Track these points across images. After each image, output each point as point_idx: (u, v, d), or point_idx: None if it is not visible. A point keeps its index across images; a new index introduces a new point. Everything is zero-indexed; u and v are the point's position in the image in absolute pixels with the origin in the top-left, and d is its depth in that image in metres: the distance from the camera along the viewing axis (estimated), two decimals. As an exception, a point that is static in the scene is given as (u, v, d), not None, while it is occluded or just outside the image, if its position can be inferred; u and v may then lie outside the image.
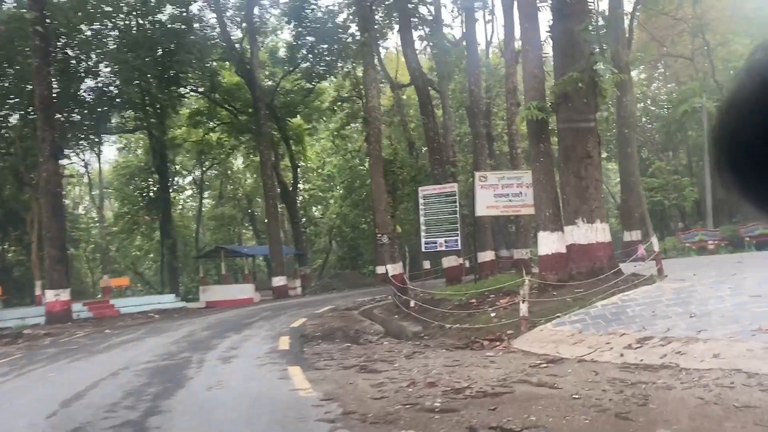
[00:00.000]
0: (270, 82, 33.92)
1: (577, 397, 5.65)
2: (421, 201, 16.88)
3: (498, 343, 9.41)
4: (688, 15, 38.49)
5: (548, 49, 13.50)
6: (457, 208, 16.46)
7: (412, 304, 14.08)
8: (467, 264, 23.98)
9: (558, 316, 9.87)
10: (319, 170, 49.16)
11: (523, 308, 9.81)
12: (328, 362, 8.51)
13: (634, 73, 48.91)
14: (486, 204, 15.80)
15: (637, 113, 43.99)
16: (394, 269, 17.00)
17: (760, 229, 20.73)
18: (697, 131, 41.36)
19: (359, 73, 23.69)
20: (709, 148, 0.88)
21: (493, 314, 11.64)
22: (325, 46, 27.98)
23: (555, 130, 13.17)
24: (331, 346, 10.33)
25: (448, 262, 19.98)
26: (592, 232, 12.14)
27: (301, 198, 47.34)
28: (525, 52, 12.81)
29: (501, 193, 15.71)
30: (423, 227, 16.71)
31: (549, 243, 11.77)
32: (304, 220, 46.94)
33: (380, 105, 19.22)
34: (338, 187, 47.09)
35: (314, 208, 51.65)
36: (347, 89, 25.53)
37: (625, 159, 23.12)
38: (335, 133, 30.33)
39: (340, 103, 26.73)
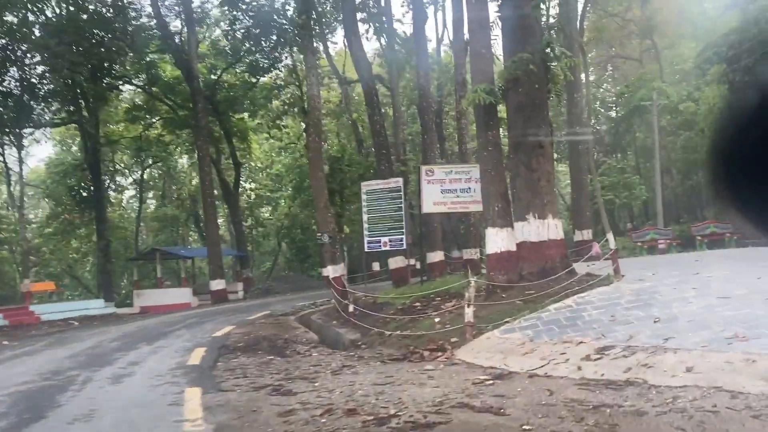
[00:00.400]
0: (212, 76, 32.08)
1: (528, 428, 4.45)
2: (363, 197, 15.61)
3: (440, 354, 8.20)
4: (637, 17, 38.57)
5: (498, 32, 12.45)
6: (403, 205, 15.26)
7: (350, 309, 12.78)
8: (418, 265, 22.85)
9: (507, 322, 8.74)
10: (268, 170, 47.39)
11: (469, 313, 8.64)
12: (239, 381, 7.13)
13: (582, 75, 49.15)
14: (433, 200, 14.64)
15: (585, 114, 44.11)
16: (334, 271, 15.68)
17: (711, 227, 20.27)
18: (644, 133, 41.53)
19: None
20: (705, 162, 0.93)
21: (437, 319, 10.46)
22: (262, 30, 26.31)
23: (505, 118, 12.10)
24: (251, 359, 8.93)
25: (395, 262, 18.75)
26: (544, 229, 11.10)
27: (248, 198, 45.48)
28: (472, 32, 11.70)
29: (449, 188, 14.58)
30: (366, 225, 15.44)
31: (498, 240, 10.65)
32: (250, 221, 45.11)
33: (320, 93, 17.90)
34: (287, 187, 45.44)
35: (264, 209, 49.81)
36: (284, 76, 24.08)
37: (576, 156, 22.40)
38: (271, 123, 28.79)
39: (276, 91, 25.23)
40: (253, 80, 30.85)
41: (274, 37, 25.87)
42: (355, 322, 12.15)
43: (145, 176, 46.87)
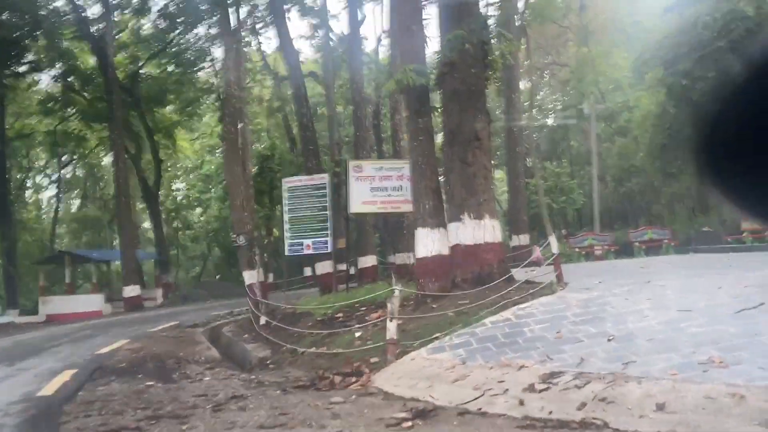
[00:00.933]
0: (133, 66, 29.61)
1: None
2: (285, 195, 14.00)
3: (354, 380, 6.70)
4: (573, 24, 38.48)
5: (431, 11, 11.15)
6: (328, 203, 13.73)
7: (262, 321, 11.15)
8: (352, 270, 21.33)
9: (437, 338, 7.34)
10: (198, 170, 44.84)
11: (391, 328, 7.19)
12: (87, 422, 5.41)
13: (521, 84, 49.04)
14: (362, 199, 13.16)
15: (524, 120, 43.88)
16: (251, 277, 13.96)
17: (649, 233, 19.67)
18: (579, 141, 41.56)
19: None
20: (692, 151, 0.89)
21: (357, 334, 8.98)
22: (177, 9, 24.22)
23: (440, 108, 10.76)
24: (124, 386, 7.18)
25: (322, 268, 17.22)
26: (481, 230, 9.81)
27: (175, 199, 42.85)
28: (400, 5, 10.31)
29: (379, 186, 13.14)
30: (287, 226, 13.83)
31: (428, 243, 9.27)
32: (177, 223, 42.49)
33: (240, 78, 16.22)
34: (218, 188, 43.05)
35: (196, 211, 47.13)
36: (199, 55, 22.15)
37: (513, 159, 21.46)
38: (181, 110, 26.73)
39: (189, 73, 23.26)
40: (178, 72, 28.61)
41: (192, 18, 23.79)
42: (266, 336, 10.52)
43: (68, 175, 43.62)
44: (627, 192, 35.15)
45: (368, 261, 18.51)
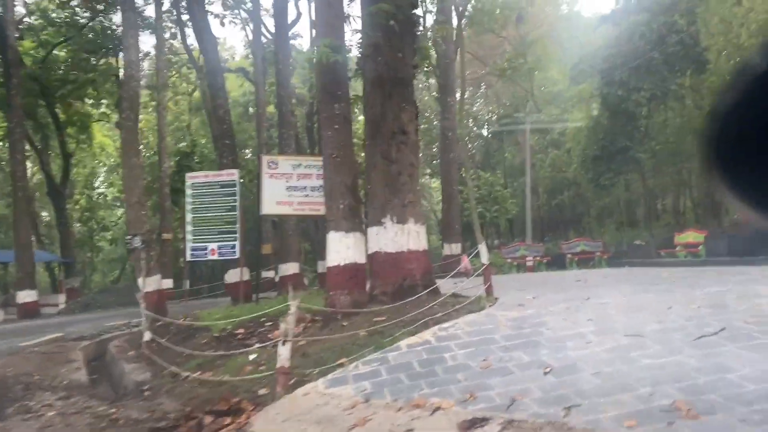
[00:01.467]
0: (42, 52, 26.93)
1: None
2: (188, 192, 12.35)
3: (229, 421, 5.23)
4: (511, 35, 38.26)
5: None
6: (237, 203, 12.16)
7: (146, 337, 9.48)
8: (277, 278, 19.69)
9: (341, 365, 5.98)
10: (120, 168, 41.93)
11: (284, 354, 5.76)
12: None
13: (458, 95, 48.68)
14: (276, 199, 11.71)
15: (460, 131, 43.39)
16: (147, 284, 12.21)
17: (581, 245, 19.02)
18: (512, 152, 41.40)
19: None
20: (700, 149, 0.84)
21: (252, 356, 7.51)
22: None
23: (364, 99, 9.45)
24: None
25: (234, 275, 15.56)
26: (404, 236, 8.56)
27: (90, 197, 39.80)
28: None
29: (296, 185, 11.74)
30: (189, 227, 12.16)
31: (341, 249, 7.91)
32: (93, 223, 39.49)
33: (139, 60, 14.45)
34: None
35: (116, 211, 44.02)
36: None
37: (446, 165, 20.46)
38: (100, 100, 24.48)
39: (86, 56, 21.16)
40: (93, 60, 26.18)
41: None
42: (150, 355, 8.88)
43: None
44: (559, 204, 35.05)
45: (290, 268, 16.97)
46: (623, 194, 27.42)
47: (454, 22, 27.20)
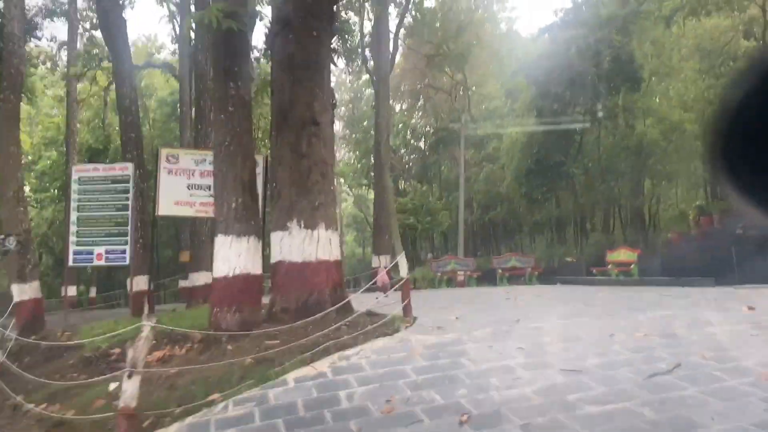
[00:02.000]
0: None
1: None
2: (74, 187, 10.65)
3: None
4: (451, 48, 37.84)
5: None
6: (130, 201, 10.57)
7: (-4, 357, 7.81)
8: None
9: (206, 406, 4.63)
10: (34, 165, 38.73)
11: (129, 391, 4.34)
12: None
13: (396, 107, 47.95)
14: (174, 198, 10.22)
15: (398, 142, 42.63)
16: (21, 292, 10.42)
17: (513, 260, 18.25)
18: (448, 166, 40.88)
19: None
20: (705, 152, 0.86)
21: (112, 387, 6.02)
22: None
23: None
24: None
25: (137, 283, 13.82)
26: (313, 244, 7.30)
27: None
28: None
29: (199, 183, 10.29)
30: (73, 228, 10.47)
31: (232, 257, 6.54)
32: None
33: (25, 34, 12.62)
34: (54, 187, 37.28)
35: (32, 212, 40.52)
36: None
37: (379, 171, 19.34)
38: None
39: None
40: None
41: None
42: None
43: None
44: (492, 218, 34.63)
45: (201, 278, 15.33)
46: (555, 210, 27.11)
47: (392, 26, 26.38)
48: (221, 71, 6.63)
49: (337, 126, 53.85)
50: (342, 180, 51.73)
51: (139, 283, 13.78)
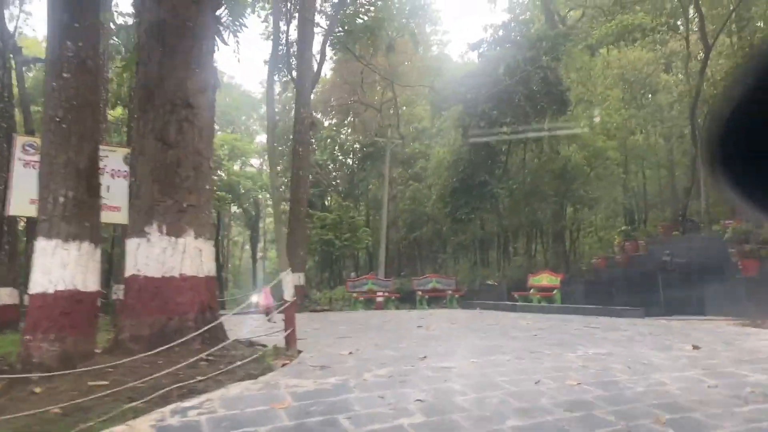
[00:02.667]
0: None
1: None
2: None
3: None
4: (380, 65, 37.04)
5: None
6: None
7: None
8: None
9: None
10: None
11: None
12: None
13: (326, 122, 46.63)
14: (31, 196, 8.34)
15: (325, 156, 41.23)
16: None
17: (433, 282, 17.15)
18: (376, 184, 39.84)
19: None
20: (701, 148, 0.89)
21: None
22: None
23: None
24: None
25: (1, 297, 11.76)
26: (177, 255, 5.79)
27: None
28: None
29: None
30: None
31: (54, 267, 4.92)
32: None
33: None
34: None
35: None
36: None
37: (296, 183, 17.84)
38: None
39: None
40: None
41: None
42: None
43: None
44: (418, 238, 33.73)
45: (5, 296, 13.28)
46: (479, 232, 26.43)
47: (318, 39, 25.21)
48: (56, 27, 5.04)
49: (265, 137, 52.00)
50: (267, 194, 49.80)
51: (4, 296, 11.76)
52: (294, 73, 24.88)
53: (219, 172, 47.36)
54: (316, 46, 27.31)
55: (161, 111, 5.92)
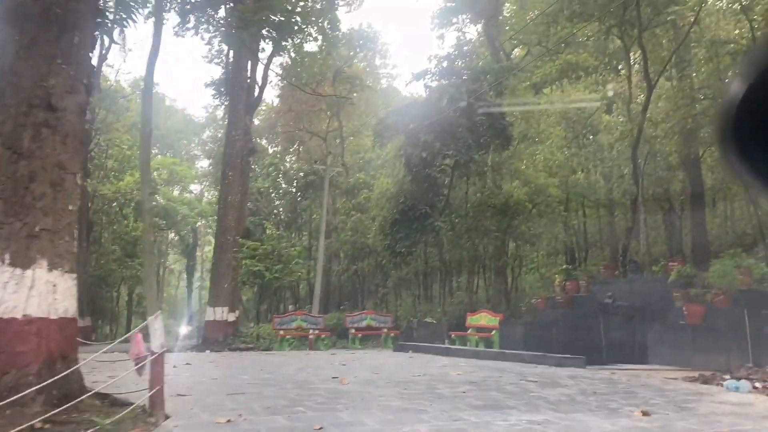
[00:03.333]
0: None
1: None
2: None
3: None
4: (328, 93, 36.35)
5: None
6: None
7: None
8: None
9: None
10: None
11: None
12: None
13: (270, 149, 45.47)
14: None
15: (266, 184, 39.92)
16: None
17: (368, 319, 16.11)
18: (320, 214, 38.72)
19: None
20: (715, 136, 0.86)
21: None
22: None
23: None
24: None
25: None
26: (21, 291, 4.66)
27: None
28: None
29: None
30: None
31: None
32: None
33: None
34: None
35: None
36: None
37: (222, 210, 16.60)
38: None
39: None
40: None
41: None
42: None
43: None
44: (359, 271, 32.63)
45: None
46: (422, 266, 25.62)
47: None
48: None
49: (206, 163, 50.19)
50: (206, 221, 47.86)
51: None
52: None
53: (157, 196, 45.29)
54: (260, 71, 26.44)
55: (13, 112, 4.79)
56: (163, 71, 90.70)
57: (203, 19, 29.23)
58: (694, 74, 17.83)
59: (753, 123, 0.77)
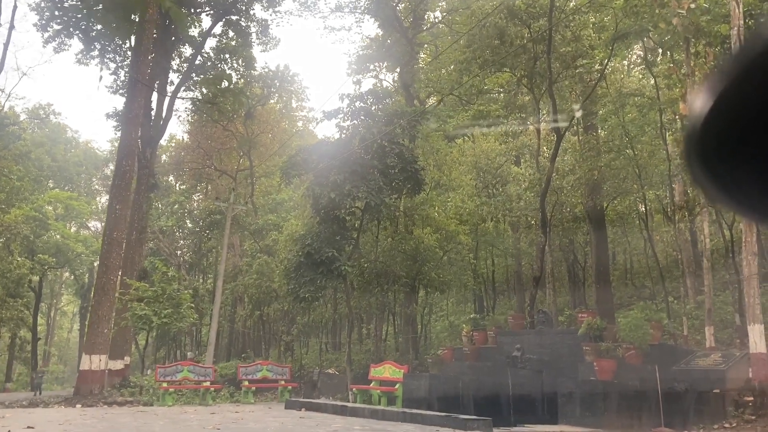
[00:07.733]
0: None
1: None
2: None
3: None
4: (239, 131, 35.02)
5: None
6: None
7: None
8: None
9: None
10: None
11: None
12: None
13: (177, 186, 43.18)
14: None
15: (170, 223, 37.55)
16: None
17: (264, 370, 14.59)
18: (229, 255, 36.70)
19: None
20: (683, 150, 0.81)
21: None
22: None
23: None
24: None
25: None
26: None
27: None
28: None
29: None
30: None
31: None
32: None
33: None
34: None
35: None
36: None
37: (106, 248, 14.76)
38: None
39: None
40: None
41: None
42: None
43: None
44: (264, 316, 30.76)
45: None
46: (329, 312, 24.36)
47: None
48: None
49: (105, 198, 46.95)
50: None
51: None
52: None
53: (51, 232, 41.53)
54: (164, 103, 24.88)
55: None
56: (67, 100, 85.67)
57: (109, 48, 27.50)
58: (600, 129, 18.20)
59: (719, 139, 0.72)
